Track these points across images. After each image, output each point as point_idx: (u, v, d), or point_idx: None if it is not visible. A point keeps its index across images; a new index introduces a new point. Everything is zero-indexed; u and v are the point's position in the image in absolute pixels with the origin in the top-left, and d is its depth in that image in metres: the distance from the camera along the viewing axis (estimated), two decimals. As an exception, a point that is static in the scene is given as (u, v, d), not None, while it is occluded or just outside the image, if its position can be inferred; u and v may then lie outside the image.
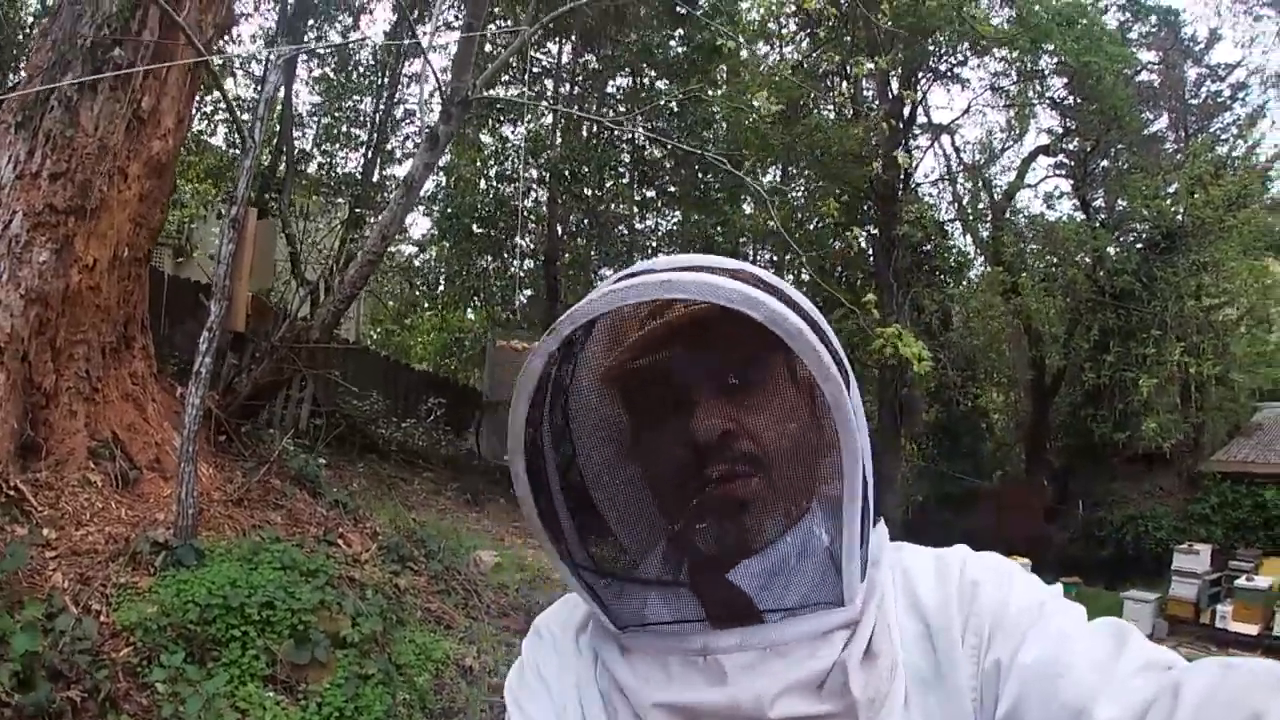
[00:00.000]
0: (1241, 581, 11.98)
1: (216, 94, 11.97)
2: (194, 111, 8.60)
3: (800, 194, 20.14)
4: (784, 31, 19.76)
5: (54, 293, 5.41)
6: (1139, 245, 18.23)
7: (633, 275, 0.78)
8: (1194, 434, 16.99)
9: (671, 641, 0.80)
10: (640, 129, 14.72)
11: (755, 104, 14.00)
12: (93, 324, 5.70)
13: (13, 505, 4.83)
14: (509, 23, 14.73)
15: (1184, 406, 17.04)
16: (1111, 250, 18.04)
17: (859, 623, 0.78)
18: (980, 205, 21.55)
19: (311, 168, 16.36)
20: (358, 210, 14.88)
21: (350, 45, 15.33)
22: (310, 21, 14.18)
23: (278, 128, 13.95)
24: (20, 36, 10.76)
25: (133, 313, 6.16)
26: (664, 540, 0.85)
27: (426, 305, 20.81)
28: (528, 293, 18.08)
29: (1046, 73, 18.10)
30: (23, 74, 6.20)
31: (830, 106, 19.21)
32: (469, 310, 20.01)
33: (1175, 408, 16.78)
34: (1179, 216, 17.10)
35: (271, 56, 7.73)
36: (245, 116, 7.08)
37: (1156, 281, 16.53)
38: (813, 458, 0.79)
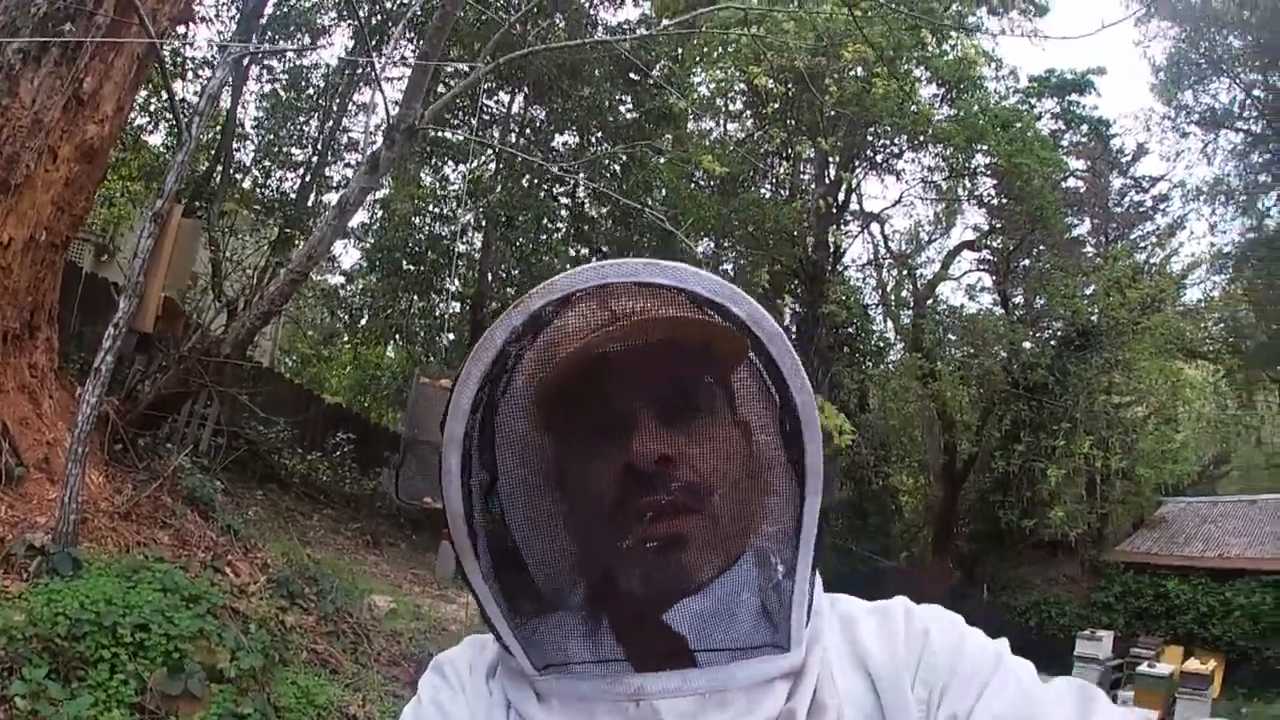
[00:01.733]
0: (1143, 668, 12.32)
1: (160, 92, 11.64)
2: (135, 106, 8.32)
3: (731, 266, 20.54)
4: (731, 108, 20.36)
5: (-41, 267, 5.06)
6: (1054, 341, 19.19)
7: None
8: (1099, 524, 17.71)
9: (599, 685, 0.71)
10: (583, 180, 14.85)
11: (700, 170, 14.26)
12: (-4, 306, 5.34)
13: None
14: (464, 63, 14.77)
15: (1090, 498, 17.77)
16: (1027, 345, 18.95)
17: (802, 671, 0.72)
18: (904, 293, 22.40)
19: (247, 183, 15.95)
20: (287, 231, 14.52)
21: (303, 54, 15.16)
22: (268, 34, 13.94)
23: (218, 137, 13.59)
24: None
25: (41, 301, 5.84)
26: (598, 570, 0.75)
27: (346, 338, 20.29)
28: (450, 336, 17.81)
29: (977, 171, 19.04)
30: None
31: (768, 185, 19.75)
32: (389, 347, 19.54)
33: (1082, 498, 17.48)
34: (1094, 317, 18.13)
35: (223, 52, 7.54)
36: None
37: (1069, 377, 17.33)
38: (774, 482, 0.76)
